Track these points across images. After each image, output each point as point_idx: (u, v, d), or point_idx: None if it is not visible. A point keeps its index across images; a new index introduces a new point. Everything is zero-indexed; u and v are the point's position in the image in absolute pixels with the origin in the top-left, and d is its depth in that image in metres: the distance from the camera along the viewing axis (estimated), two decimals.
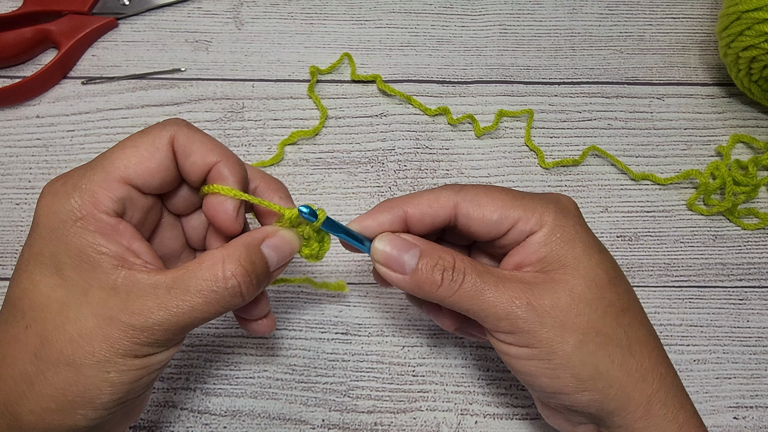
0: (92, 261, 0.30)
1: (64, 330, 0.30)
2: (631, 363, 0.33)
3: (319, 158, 0.52)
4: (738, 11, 0.47)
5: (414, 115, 0.54)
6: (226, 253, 0.31)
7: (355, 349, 0.47)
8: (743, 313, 0.49)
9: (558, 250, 0.34)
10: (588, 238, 0.35)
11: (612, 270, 0.35)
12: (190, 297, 0.30)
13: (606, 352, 0.33)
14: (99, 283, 0.30)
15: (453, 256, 0.34)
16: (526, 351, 0.33)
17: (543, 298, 0.33)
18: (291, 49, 0.56)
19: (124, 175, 0.31)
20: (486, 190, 0.36)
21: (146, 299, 0.30)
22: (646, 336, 0.35)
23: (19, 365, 0.30)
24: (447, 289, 0.33)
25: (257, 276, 0.32)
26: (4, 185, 0.51)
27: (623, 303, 0.34)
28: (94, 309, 0.30)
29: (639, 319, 0.35)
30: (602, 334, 0.33)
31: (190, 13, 0.57)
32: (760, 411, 0.46)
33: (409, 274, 0.34)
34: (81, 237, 0.30)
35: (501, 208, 0.35)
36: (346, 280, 0.49)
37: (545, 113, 0.54)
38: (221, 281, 0.31)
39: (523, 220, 0.34)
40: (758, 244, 0.51)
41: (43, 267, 0.31)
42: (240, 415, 0.45)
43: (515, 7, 0.58)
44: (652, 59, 0.57)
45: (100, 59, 0.55)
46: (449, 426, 0.45)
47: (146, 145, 0.32)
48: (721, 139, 0.54)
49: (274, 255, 0.34)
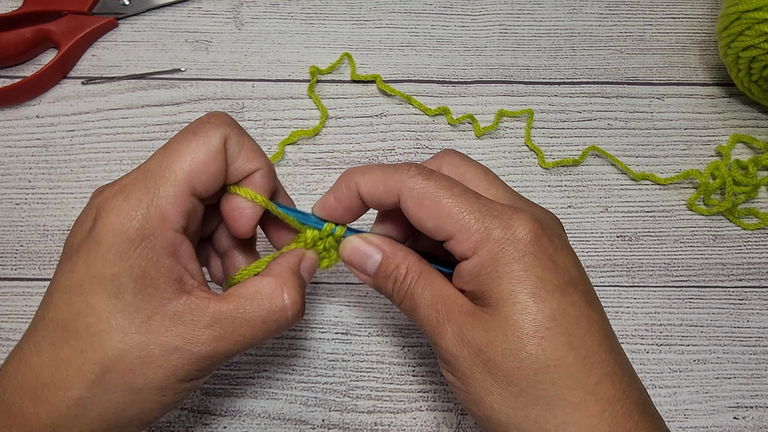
0: (156, 284, 0.30)
1: (126, 359, 0.29)
2: (550, 423, 0.30)
3: (319, 158, 0.52)
4: (738, 11, 0.47)
5: (414, 115, 0.54)
6: (282, 282, 0.32)
7: (355, 349, 0.47)
8: (743, 313, 0.49)
9: (485, 287, 0.31)
10: (525, 279, 0.30)
11: (547, 320, 0.30)
12: (254, 328, 0.31)
13: (518, 404, 0.30)
14: (162, 311, 0.30)
15: (407, 267, 0.34)
16: (450, 376, 0.33)
17: (464, 330, 0.31)
18: (291, 49, 0.56)
19: (189, 185, 0.30)
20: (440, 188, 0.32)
21: (212, 330, 0.30)
22: (579, 401, 0.29)
23: (74, 390, 0.29)
24: (395, 298, 0.35)
25: (303, 299, 0.34)
26: (4, 185, 0.51)
27: (549, 360, 0.29)
28: (158, 338, 0.29)
29: (573, 382, 0.29)
30: (514, 385, 0.30)
31: (190, 13, 0.57)
32: (760, 411, 0.46)
33: (372, 277, 0.35)
34: (147, 257, 0.29)
35: (436, 219, 0.32)
36: (346, 280, 0.49)
37: (545, 113, 0.54)
38: (282, 311, 0.32)
39: (456, 239, 0.31)
40: (758, 244, 0.51)
41: (102, 290, 0.29)
42: (240, 415, 0.45)
43: (515, 7, 0.58)
44: (652, 59, 0.57)
45: (100, 59, 0.55)
46: (449, 426, 0.45)
47: (204, 148, 0.30)
48: (721, 139, 0.54)
49: (308, 278, 0.35)
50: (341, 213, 0.36)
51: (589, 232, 0.51)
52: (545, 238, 0.31)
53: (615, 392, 0.30)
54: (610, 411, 0.29)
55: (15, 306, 0.47)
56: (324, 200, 0.36)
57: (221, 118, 0.32)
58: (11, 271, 0.48)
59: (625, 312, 0.48)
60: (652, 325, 0.48)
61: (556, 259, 0.31)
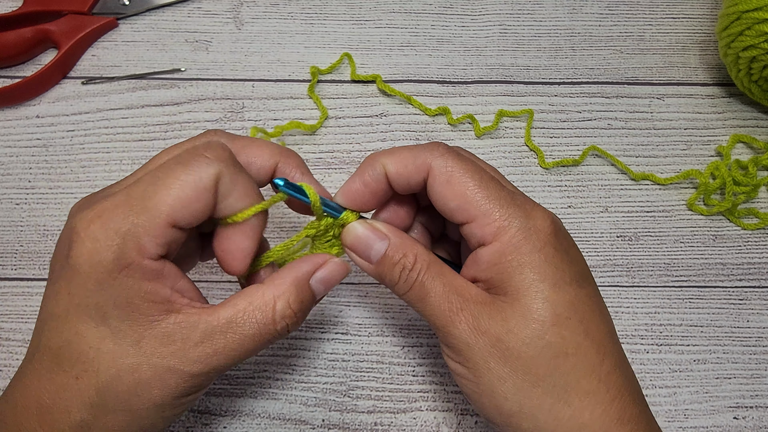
0: (141, 310, 0.29)
1: (120, 381, 0.29)
2: (564, 412, 0.30)
3: (318, 158, 0.52)
4: (738, 11, 0.47)
5: (414, 115, 0.54)
6: (276, 294, 0.31)
7: (355, 349, 0.47)
8: (743, 313, 0.49)
9: (504, 275, 0.31)
10: (546, 269, 0.31)
11: (566, 310, 0.31)
12: (245, 340, 0.31)
13: (533, 393, 0.30)
14: (151, 333, 0.30)
15: (416, 256, 0.33)
16: (459, 367, 0.32)
17: (480, 319, 0.31)
18: (291, 49, 0.56)
19: (170, 219, 0.29)
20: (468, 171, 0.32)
21: (204, 347, 0.30)
22: (593, 389, 0.30)
23: (74, 413, 0.30)
24: (401, 287, 0.34)
25: (304, 312, 0.33)
26: (4, 185, 0.51)
27: (568, 348, 0.30)
28: (150, 359, 0.29)
29: (589, 370, 0.31)
30: (532, 374, 0.30)
31: (190, 13, 0.57)
32: (760, 411, 0.46)
33: (375, 264, 0.34)
34: (127, 287, 0.29)
35: (462, 199, 0.32)
36: (346, 280, 0.49)
37: (545, 113, 0.54)
38: (271, 324, 0.31)
39: (477, 223, 0.31)
40: (758, 244, 0.51)
41: (88, 318, 0.29)
42: (240, 415, 0.45)
43: (515, 7, 0.58)
44: (652, 59, 0.57)
45: (100, 59, 0.55)
46: (449, 426, 0.45)
47: (193, 184, 0.29)
48: (721, 139, 0.54)
49: (322, 288, 0.34)
50: (367, 198, 0.35)
51: (589, 232, 0.51)
52: (561, 233, 0.33)
53: (623, 382, 0.31)
54: (619, 399, 0.31)
55: (15, 306, 0.47)
56: (349, 186, 0.35)
57: (217, 153, 0.30)
58: (11, 271, 0.48)
59: (625, 312, 0.48)
60: (652, 325, 0.48)
61: (570, 253, 0.32)
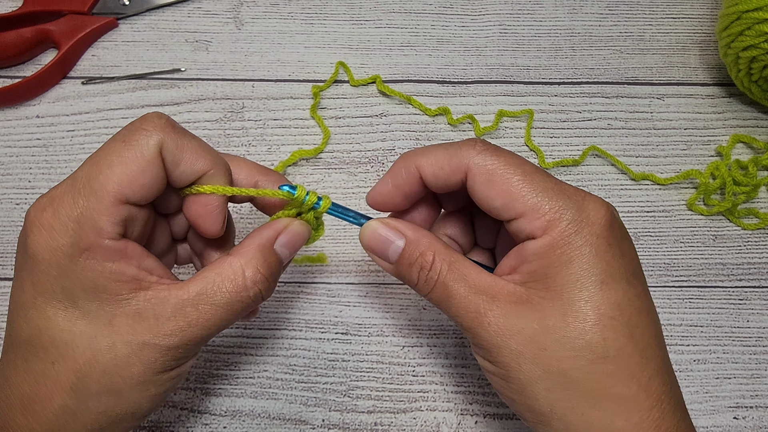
0: (109, 290, 0.29)
1: (97, 362, 0.29)
2: (596, 416, 0.29)
3: (318, 158, 0.52)
4: (738, 11, 0.47)
5: (414, 115, 0.54)
6: (243, 261, 0.31)
7: (355, 349, 0.47)
8: (743, 313, 0.49)
9: (549, 269, 0.30)
10: (595, 264, 0.29)
11: (611, 309, 0.29)
12: (217, 310, 0.31)
13: (565, 395, 0.29)
14: (122, 311, 0.30)
15: (434, 254, 0.32)
16: (488, 364, 0.31)
17: (511, 319, 0.30)
18: (291, 49, 0.56)
19: (119, 195, 0.29)
20: (510, 165, 0.31)
21: (176, 320, 0.30)
22: (632, 395, 0.29)
23: (56, 400, 0.30)
24: (422, 288, 0.33)
25: (274, 276, 0.33)
26: (4, 185, 0.51)
27: (609, 350, 0.29)
28: (124, 337, 0.30)
29: (628, 374, 0.29)
30: (565, 376, 0.29)
31: (190, 13, 0.57)
32: (760, 411, 0.46)
33: (393, 264, 0.34)
34: (91, 269, 0.29)
35: (507, 197, 0.30)
36: (346, 280, 0.49)
37: (545, 113, 0.54)
38: (244, 291, 0.31)
39: (527, 218, 0.30)
40: (758, 244, 0.51)
41: (57, 302, 0.29)
42: (240, 415, 0.45)
43: (515, 7, 0.58)
44: (652, 59, 0.57)
45: (100, 59, 0.55)
46: (449, 426, 0.45)
47: (135, 159, 0.29)
48: (721, 139, 0.54)
49: (287, 252, 0.34)
50: (399, 200, 0.34)
51: None
52: (616, 224, 0.31)
53: (664, 389, 0.30)
54: (658, 407, 0.29)
55: None
56: (380, 188, 0.34)
57: (155, 123, 0.30)
58: (11, 271, 0.48)
59: None
60: None
61: (622, 247, 0.31)
